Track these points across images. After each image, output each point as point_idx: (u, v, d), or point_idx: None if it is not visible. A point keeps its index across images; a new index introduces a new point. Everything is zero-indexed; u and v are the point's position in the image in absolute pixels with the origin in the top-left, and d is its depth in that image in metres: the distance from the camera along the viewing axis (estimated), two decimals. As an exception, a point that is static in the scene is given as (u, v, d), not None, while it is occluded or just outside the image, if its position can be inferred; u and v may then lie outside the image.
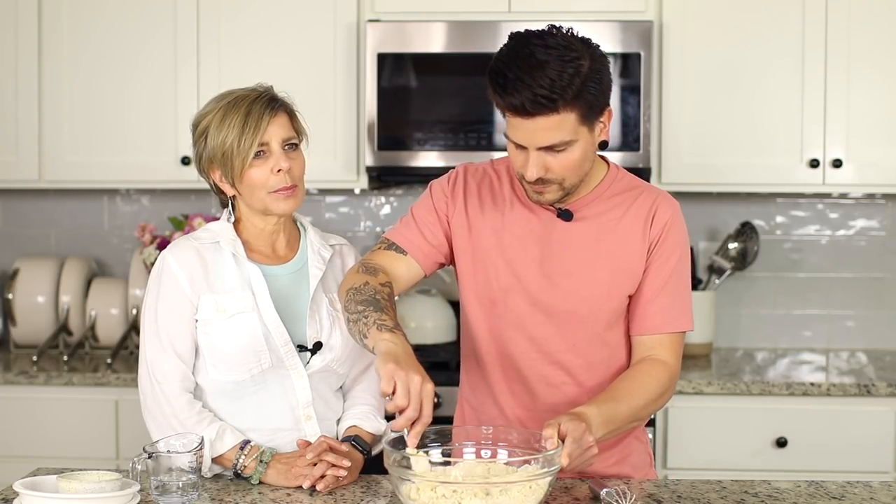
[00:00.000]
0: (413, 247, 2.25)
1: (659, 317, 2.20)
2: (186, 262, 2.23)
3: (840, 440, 3.32)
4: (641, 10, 3.53)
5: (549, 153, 2.05)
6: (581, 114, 2.02)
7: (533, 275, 2.20)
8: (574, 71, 1.98)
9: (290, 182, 2.22)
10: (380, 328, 2.00)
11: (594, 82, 2.01)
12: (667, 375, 2.19)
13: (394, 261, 2.24)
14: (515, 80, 1.99)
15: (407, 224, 2.29)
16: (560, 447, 1.91)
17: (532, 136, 2.03)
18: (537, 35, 2.03)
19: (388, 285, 2.14)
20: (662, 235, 2.19)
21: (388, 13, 3.55)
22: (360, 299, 2.08)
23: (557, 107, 1.99)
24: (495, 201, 2.24)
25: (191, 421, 2.18)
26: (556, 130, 2.01)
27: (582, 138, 2.05)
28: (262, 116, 2.20)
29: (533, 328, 2.22)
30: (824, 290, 3.94)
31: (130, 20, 3.61)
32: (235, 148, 2.20)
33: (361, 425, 2.30)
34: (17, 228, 4.06)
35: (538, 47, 2.00)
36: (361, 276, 2.15)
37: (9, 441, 3.42)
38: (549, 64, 1.98)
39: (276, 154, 2.22)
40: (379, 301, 2.06)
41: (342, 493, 2.11)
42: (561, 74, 1.97)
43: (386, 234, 2.30)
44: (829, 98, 3.53)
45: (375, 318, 2.02)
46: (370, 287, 2.10)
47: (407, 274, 2.25)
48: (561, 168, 2.07)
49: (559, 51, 1.99)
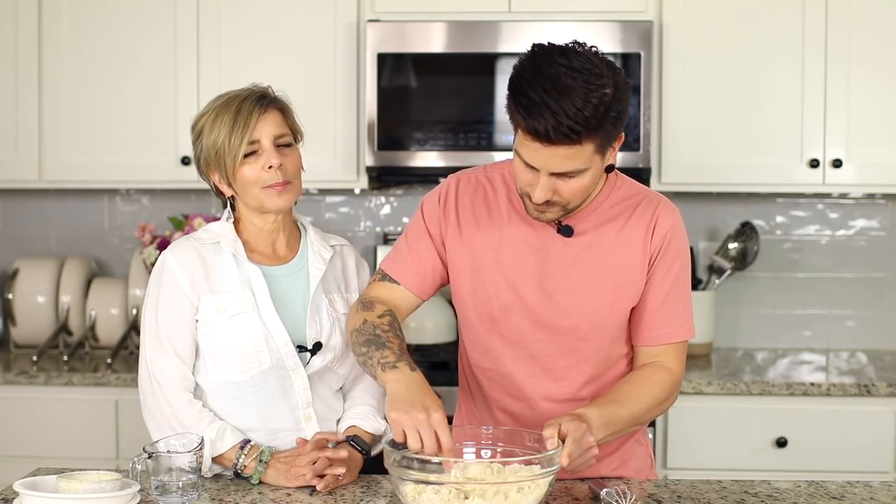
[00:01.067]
0: (406, 276, 2.25)
1: (662, 328, 2.19)
2: (187, 263, 2.23)
3: (840, 440, 3.32)
4: (641, 10, 3.53)
5: (560, 178, 2.01)
6: (599, 143, 1.98)
7: (532, 291, 2.18)
8: (598, 100, 1.92)
9: (283, 178, 2.21)
10: (384, 368, 2.01)
11: (615, 112, 1.96)
12: (670, 381, 2.18)
13: (390, 291, 2.25)
14: (541, 104, 1.92)
15: (400, 252, 2.27)
16: (560, 447, 1.91)
17: (547, 163, 1.98)
18: (561, 52, 1.96)
19: (386, 314, 2.15)
20: (664, 246, 2.17)
21: (388, 13, 3.55)
22: (361, 340, 2.09)
23: (580, 138, 1.94)
24: (491, 215, 2.21)
25: (190, 421, 2.18)
26: (573, 159, 1.97)
27: (594, 165, 2.02)
28: (251, 114, 2.21)
29: (534, 345, 2.21)
30: (824, 290, 3.94)
31: (130, 20, 3.61)
32: (226, 146, 2.20)
33: (361, 425, 2.30)
34: (17, 228, 4.06)
35: (563, 68, 1.93)
36: (360, 315, 2.16)
37: (9, 441, 3.42)
38: (574, 90, 1.91)
39: (268, 151, 2.21)
40: (379, 337, 2.07)
41: (342, 493, 2.11)
42: (586, 104, 1.91)
43: (381, 265, 2.29)
44: (829, 98, 3.53)
45: (378, 357, 2.03)
46: (368, 325, 2.11)
47: (404, 302, 2.25)
48: (569, 193, 2.04)
49: (584, 75, 1.93)
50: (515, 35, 3.45)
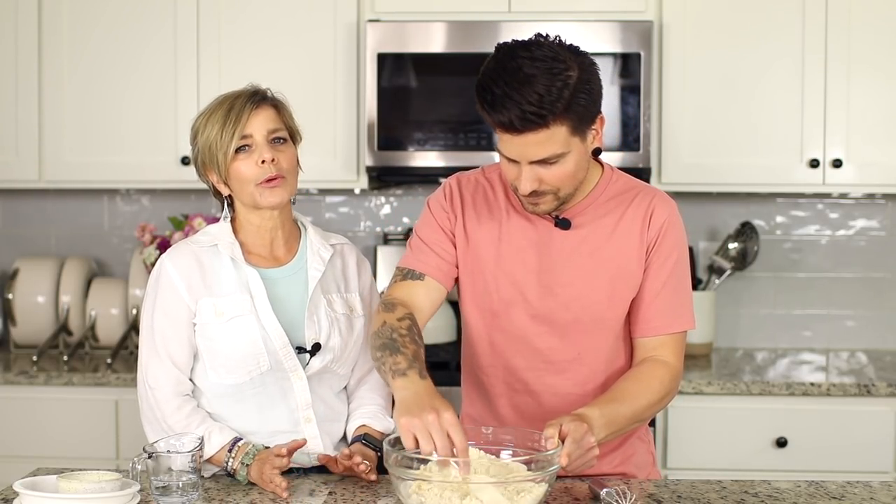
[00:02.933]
0: (430, 267, 2.23)
1: (660, 318, 2.19)
2: (184, 268, 2.23)
3: (840, 440, 3.32)
4: (641, 10, 3.53)
5: (541, 166, 2.02)
6: (572, 125, 1.99)
7: (532, 286, 2.19)
8: (562, 84, 1.94)
9: (276, 172, 2.21)
10: (394, 375, 1.99)
11: (584, 92, 1.97)
12: (669, 376, 2.18)
13: (412, 289, 2.22)
14: (503, 96, 1.95)
15: (417, 248, 2.26)
16: (560, 447, 1.91)
17: (523, 151, 2.00)
18: (524, 46, 2.00)
19: (406, 318, 2.11)
20: (660, 236, 2.18)
21: (388, 13, 3.55)
22: (378, 344, 2.07)
23: (547, 122, 1.95)
24: (491, 212, 2.22)
25: (179, 426, 2.18)
26: (547, 144, 1.99)
27: (574, 149, 2.02)
28: (242, 109, 2.21)
29: (536, 339, 2.21)
30: (824, 290, 3.94)
31: (131, 20, 3.61)
32: (218, 142, 2.21)
33: (372, 424, 2.30)
34: (17, 228, 4.06)
35: (525, 60, 1.96)
36: (380, 317, 2.13)
37: (9, 441, 3.42)
38: (536, 78, 1.94)
39: (261, 146, 2.22)
40: (395, 341, 2.04)
41: (342, 493, 2.11)
42: (549, 89, 1.94)
43: (399, 264, 2.27)
44: (828, 98, 3.53)
45: (391, 363, 2.01)
46: (387, 327, 2.08)
47: (428, 298, 2.22)
48: (555, 179, 2.05)
49: (546, 63, 1.95)
50: (515, 35, 3.35)
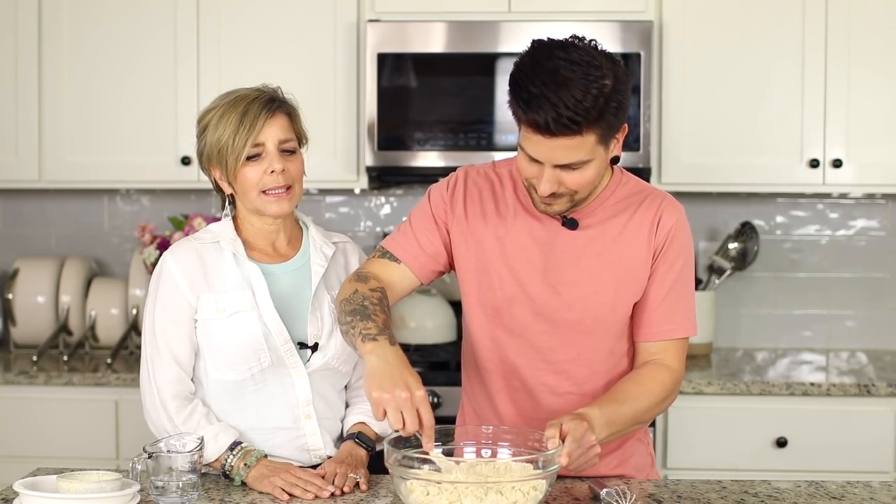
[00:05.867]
0: (408, 256, 2.24)
1: (664, 324, 2.19)
2: (186, 264, 2.23)
3: (840, 440, 3.32)
4: (641, 10, 3.53)
5: (564, 170, 2.03)
6: (601, 134, 2.00)
7: (536, 284, 2.19)
8: (598, 91, 1.95)
9: (284, 182, 2.22)
10: (364, 339, 2.00)
11: (616, 103, 1.98)
12: (671, 379, 2.18)
13: (388, 268, 2.23)
14: (540, 96, 1.94)
15: (404, 232, 2.27)
16: (560, 447, 1.91)
17: (550, 154, 2.00)
18: (561, 47, 1.99)
19: (378, 290, 2.13)
20: (667, 242, 2.18)
21: (388, 13, 3.55)
22: (348, 309, 2.08)
23: (581, 128, 1.96)
24: (498, 208, 2.22)
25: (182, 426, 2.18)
26: (575, 150, 1.99)
27: (598, 157, 2.03)
28: (258, 116, 2.20)
29: (537, 337, 2.21)
30: (824, 290, 3.94)
31: (130, 20, 3.61)
32: (230, 146, 2.20)
33: (370, 423, 2.30)
34: (17, 228, 4.05)
35: (562, 61, 1.96)
36: (352, 285, 2.15)
37: (9, 441, 3.42)
38: (573, 82, 1.94)
39: (272, 155, 2.21)
40: (367, 308, 2.06)
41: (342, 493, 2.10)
42: (585, 95, 1.94)
43: (382, 243, 2.29)
44: (829, 98, 3.53)
45: (361, 328, 2.02)
46: (359, 295, 2.10)
47: (401, 282, 2.24)
48: (574, 184, 2.05)
49: (583, 68, 1.95)
50: (515, 35, 3.45)
